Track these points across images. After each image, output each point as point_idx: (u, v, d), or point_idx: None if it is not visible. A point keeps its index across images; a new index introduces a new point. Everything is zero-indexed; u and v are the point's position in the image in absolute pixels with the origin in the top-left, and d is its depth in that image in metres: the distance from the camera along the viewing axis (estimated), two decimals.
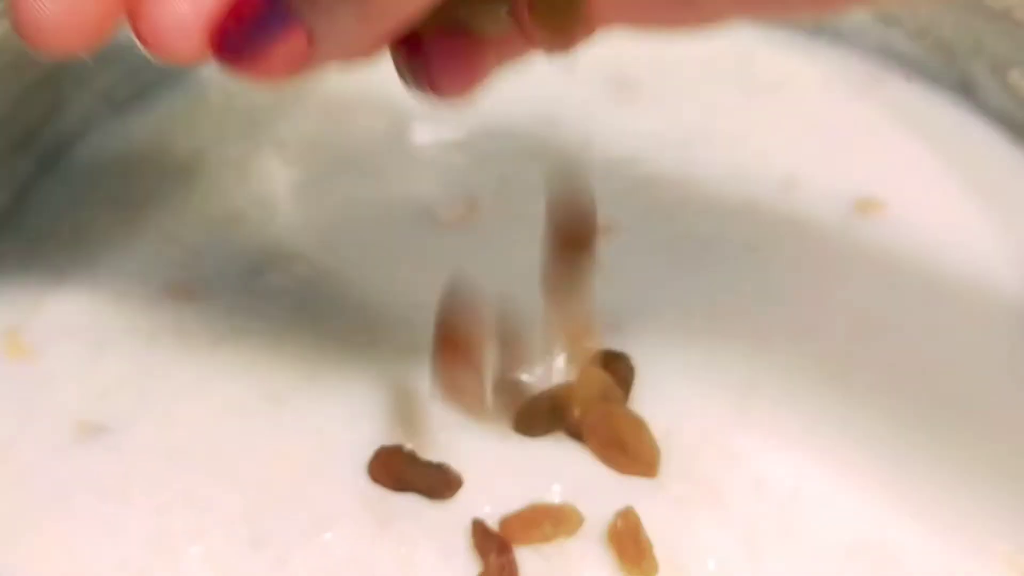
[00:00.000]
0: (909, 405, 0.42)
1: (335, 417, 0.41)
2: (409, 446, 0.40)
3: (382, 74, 0.54)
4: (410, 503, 0.39)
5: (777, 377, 0.43)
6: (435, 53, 0.33)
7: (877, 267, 0.47)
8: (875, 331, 0.44)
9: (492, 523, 0.38)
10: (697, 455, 0.40)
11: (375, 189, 0.49)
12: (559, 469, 0.40)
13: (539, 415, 0.41)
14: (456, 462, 0.40)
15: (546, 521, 0.38)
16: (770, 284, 0.46)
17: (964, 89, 0.54)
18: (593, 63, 0.56)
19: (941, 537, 0.38)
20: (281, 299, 0.45)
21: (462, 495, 0.39)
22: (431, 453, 0.40)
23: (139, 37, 0.28)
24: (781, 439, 0.41)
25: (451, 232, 0.48)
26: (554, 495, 0.39)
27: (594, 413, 0.40)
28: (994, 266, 0.47)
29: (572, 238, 0.40)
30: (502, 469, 0.40)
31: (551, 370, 0.42)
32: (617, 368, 0.42)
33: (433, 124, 0.53)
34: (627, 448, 0.40)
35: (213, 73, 0.52)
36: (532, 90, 0.53)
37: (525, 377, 0.42)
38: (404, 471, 0.39)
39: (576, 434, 0.40)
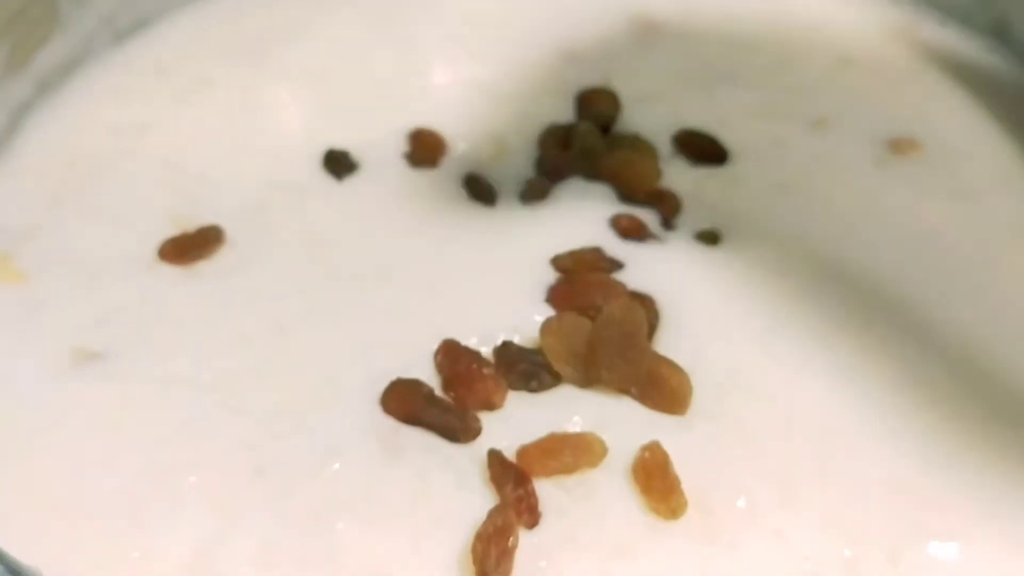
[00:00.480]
0: (941, 345, 0.40)
1: (345, 348, 0.39)
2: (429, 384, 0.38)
3: (397, 7, 0.54)
4: (423, 436, 0.37)
5: (802, 316, 0.41)
6: None
7: (911, 206, 0.45)
8: (907, 270, 0.42)
9: (510, 456, 0.36)
10: (724, 394, 0.38)
11: (390, 124, 0.47)
12: (578, 403, 0.38)
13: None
14: None
15: (566, 449, 0.35)
16: (800, 223, 0.44)
17: (998, 32, 0.52)
18: (615, 0, 0.55)
19: (979, 479, 0.37)
20: (288, 230, 0.43)
21: None
22: None
23: None
24: (810, 378, 0.39)
25: (475, 168, 0.46)
26: (575, 426, 0.37)
27: (625, 350, 0.38)
28: None
29: None
30: (518, 403, 0.38)
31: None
32: (643, 308, 0.40)
33: (449, 59, 0.51)
34: (659, 382, 0.38)
35: (218, 1, 0.51)
36: (553, 27, 0.52)
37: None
38: (421, 409, 0.37)
39: (595, 379, 0.38)
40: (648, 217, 0.44)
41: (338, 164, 0.45)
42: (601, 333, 0.38)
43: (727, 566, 0.34)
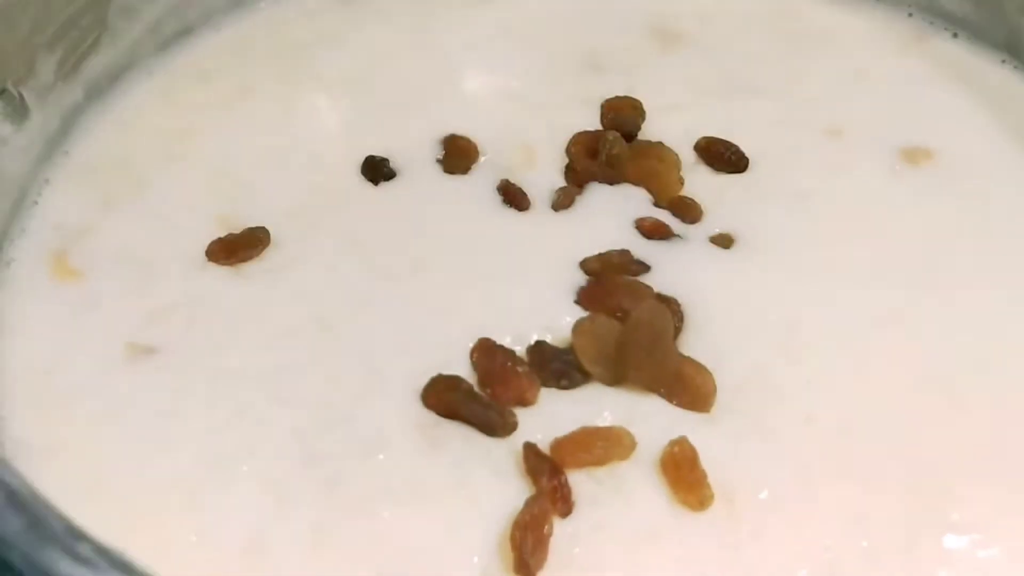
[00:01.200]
0: (963, 344, 0.42)
1: (386, 345, 0.41)
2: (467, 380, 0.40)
3: (430, 19, 0.55)
4: (462, 429, 0.39)
5: (821, 316, 0.43)
6: None
7: (924, 214, 0.47)
8: (926, 273, 0.44)
9: (543, 449, 0.38)
10: (747, 392, 0.40)
11: (424, 130, 0.49)
12: (607, 400, 0.40)
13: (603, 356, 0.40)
14: None
15: (598, 442, 0.37)
16: (817, 228, 0.46)
17: (1010, 46, 0.54)
18: (638, 12, 0.57)
19: (995, 475, 0.38)
20: (330, 232, 0.45)
21: None
22: None
23: None
24: (829, 376, 0.41)
25: (505, 174, 0.48)
26: (605, 421, 0.39)
27: (652, 351, 0.40)
28: None
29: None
30: (550, 400, 0.40)
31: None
32: (669, 311, 0.41)
33: (480, 69, 0.53)
34: (685, 382, 0.39)
35: (258, 11, 0.53)
36: (580, 38, 0.53)
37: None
38: (460, 405, 0.39)
39: (623, 378, 0.40)
40: (670, 219, 0.46)
41: (376, 170, 0.47)
42: (630, 335, 0.40)
43: (749, 554, 0.36)
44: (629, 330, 0.40)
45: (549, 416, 0.39)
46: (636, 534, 0.37)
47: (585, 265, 0.43)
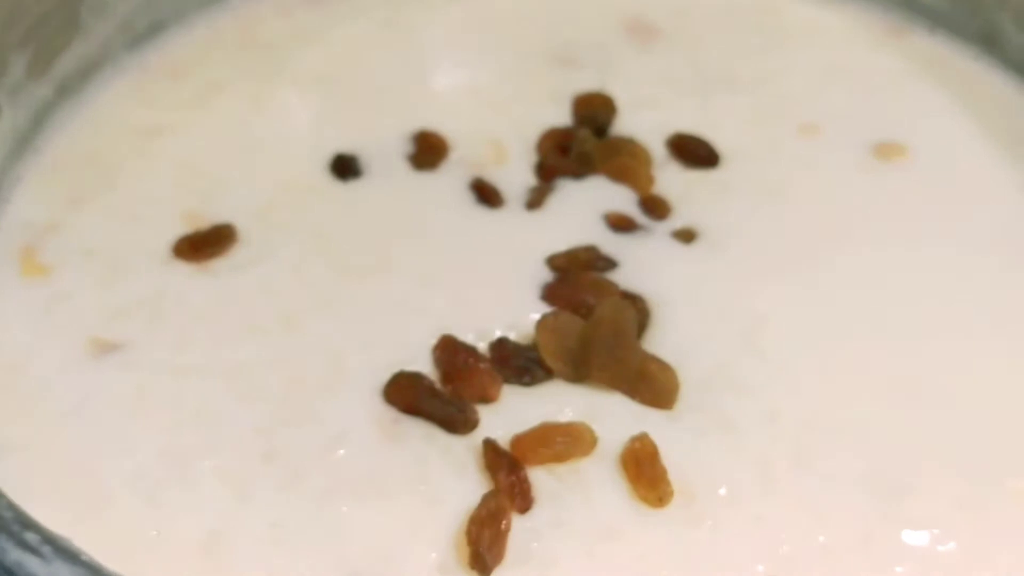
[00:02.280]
0: (925, 342, 0.42)
1: (350, 341, 0.41)
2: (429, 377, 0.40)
3: (401, 15, 0.55)
4: (422, 425, 0.39)
5: (787, 313, 0.43)
6: None
7: (895, 209, 0.47)
8: (892, 271, 0.44)
9: (504, 445, 0.38)
10: (709, 388, 0.40)
11: (395, 127, 0.49)
12: (569, 396, 0.40)
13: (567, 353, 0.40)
14: None
15: (558, 438, 0.37)
16: (784, 225, 0.46)
17: (987, 40, 0.54)
18: (611, 6, 0.57)
19: (953, 470, 0.38)
20: (297, 229, 0.45)
21: None
22: None
23: None
24: (792, 374, 0.41)
25: (475, 171, 0.48)
26: (566, 417, 0.39)
27: (615, 349, 0.40)
28: (1014, 211, 0.47)
29: None
30: (512, 396, 0.40)
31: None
32: (633, 307, 0.41)
33: (451, 65, 0.53)
34: (648, 379, 0.39)
35: (230, 8, 0.53)
36: (551, 33, 0.53)
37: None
38: (422, 401, 0.39)
39: (586, 376, 0.40)
40: (638, 215, 0.46)
41: (345, 168, 0.47)
42: (593, 332, 0.40)
43: (707, 550, 0.36)
44: (592, 327, 0.40)
45: (511, 413, 0.39)
46: (596, 530, 0.37)
47: (553, 261, 0.43)
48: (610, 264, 0.43)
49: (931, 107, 0.51)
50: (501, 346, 0.40)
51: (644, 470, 0.37)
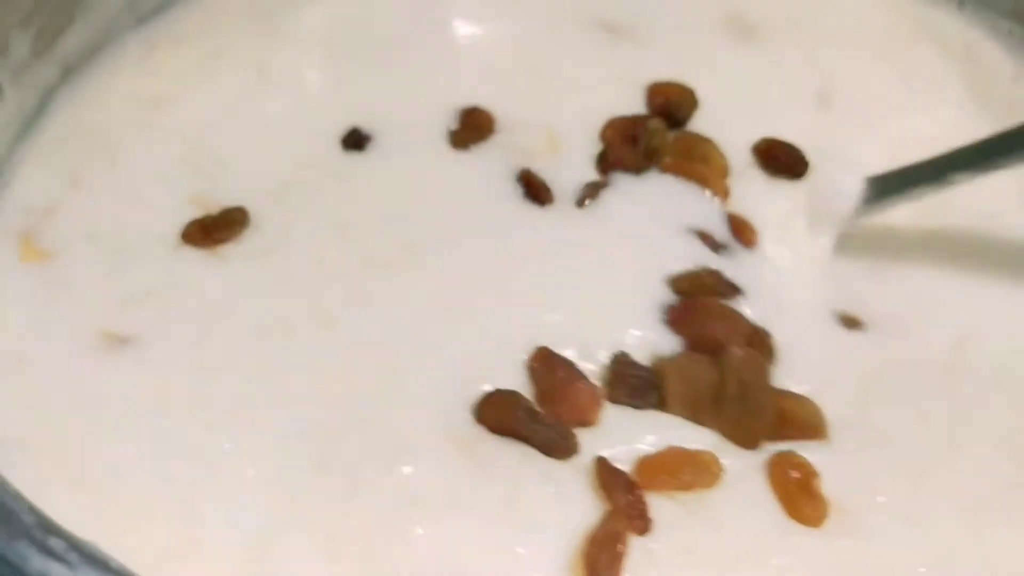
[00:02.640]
0: None
1: (399, 344, 0.34)
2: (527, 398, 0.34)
3: None
4: (512, 445, 0.32)
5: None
6: None
7: None
8: None
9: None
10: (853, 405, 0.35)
11: (415, 91, 0.42)
12: (671, 420, 0.34)
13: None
14: None
15: (686, 467, 0.32)
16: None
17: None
18: None
19: None
20: (316, 212, 0.38)
21: None
22: None
23: None
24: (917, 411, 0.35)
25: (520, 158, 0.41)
26: (669, 442, 0.33)
27: (747, 402, 0.34)
28: None
29: None
30: (617, 416, 0.34)
31: None
32: (762, 344, 0.36)
33: (473, 20, 0.46)
34: (789, 419, 0.34)
35: None
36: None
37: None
38: (519, 424, 0.33)
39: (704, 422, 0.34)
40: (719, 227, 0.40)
41: (358, 143, 0.41)
42: (723, 388, 0.34)
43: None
44: (723, 384, 0.34)
45: (612, 434, 0.33)
46: (725, 558, 0.31)
47: (675, 284, 0.37)
48: (734, 290, 0.38)
49: None
50: (622, 362, 0.35)
51: (800, 492, 0.32)
